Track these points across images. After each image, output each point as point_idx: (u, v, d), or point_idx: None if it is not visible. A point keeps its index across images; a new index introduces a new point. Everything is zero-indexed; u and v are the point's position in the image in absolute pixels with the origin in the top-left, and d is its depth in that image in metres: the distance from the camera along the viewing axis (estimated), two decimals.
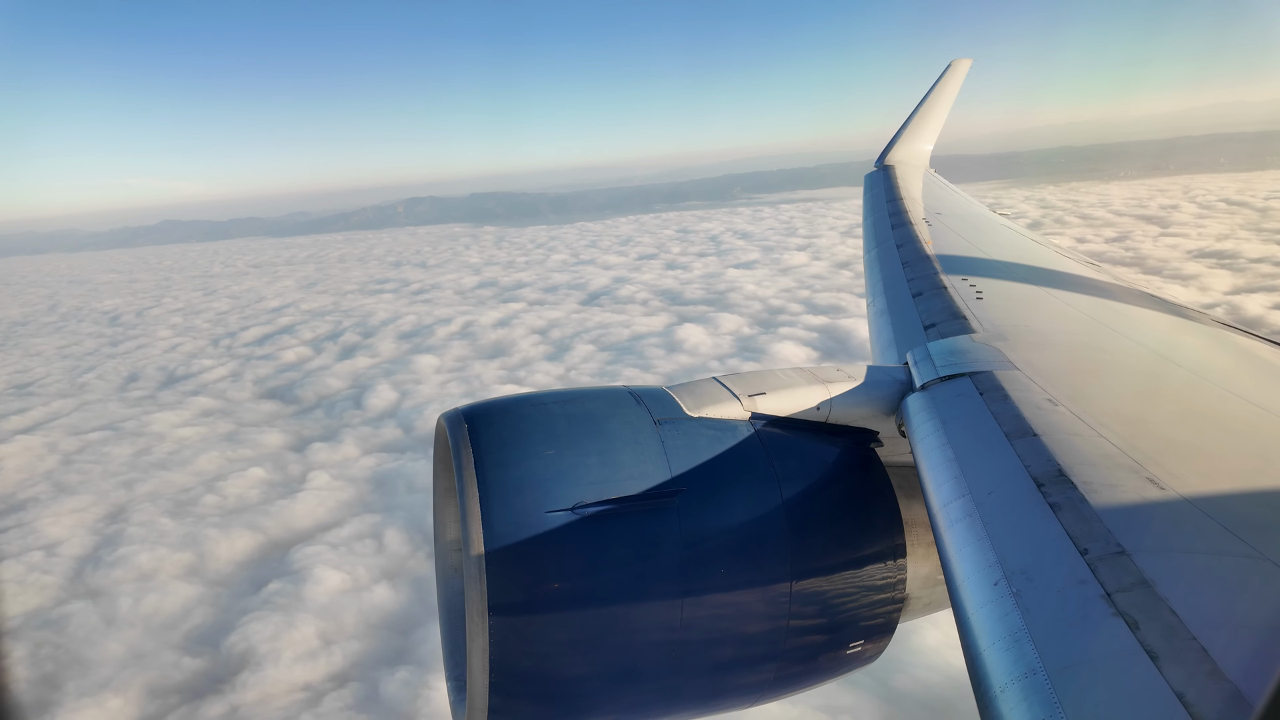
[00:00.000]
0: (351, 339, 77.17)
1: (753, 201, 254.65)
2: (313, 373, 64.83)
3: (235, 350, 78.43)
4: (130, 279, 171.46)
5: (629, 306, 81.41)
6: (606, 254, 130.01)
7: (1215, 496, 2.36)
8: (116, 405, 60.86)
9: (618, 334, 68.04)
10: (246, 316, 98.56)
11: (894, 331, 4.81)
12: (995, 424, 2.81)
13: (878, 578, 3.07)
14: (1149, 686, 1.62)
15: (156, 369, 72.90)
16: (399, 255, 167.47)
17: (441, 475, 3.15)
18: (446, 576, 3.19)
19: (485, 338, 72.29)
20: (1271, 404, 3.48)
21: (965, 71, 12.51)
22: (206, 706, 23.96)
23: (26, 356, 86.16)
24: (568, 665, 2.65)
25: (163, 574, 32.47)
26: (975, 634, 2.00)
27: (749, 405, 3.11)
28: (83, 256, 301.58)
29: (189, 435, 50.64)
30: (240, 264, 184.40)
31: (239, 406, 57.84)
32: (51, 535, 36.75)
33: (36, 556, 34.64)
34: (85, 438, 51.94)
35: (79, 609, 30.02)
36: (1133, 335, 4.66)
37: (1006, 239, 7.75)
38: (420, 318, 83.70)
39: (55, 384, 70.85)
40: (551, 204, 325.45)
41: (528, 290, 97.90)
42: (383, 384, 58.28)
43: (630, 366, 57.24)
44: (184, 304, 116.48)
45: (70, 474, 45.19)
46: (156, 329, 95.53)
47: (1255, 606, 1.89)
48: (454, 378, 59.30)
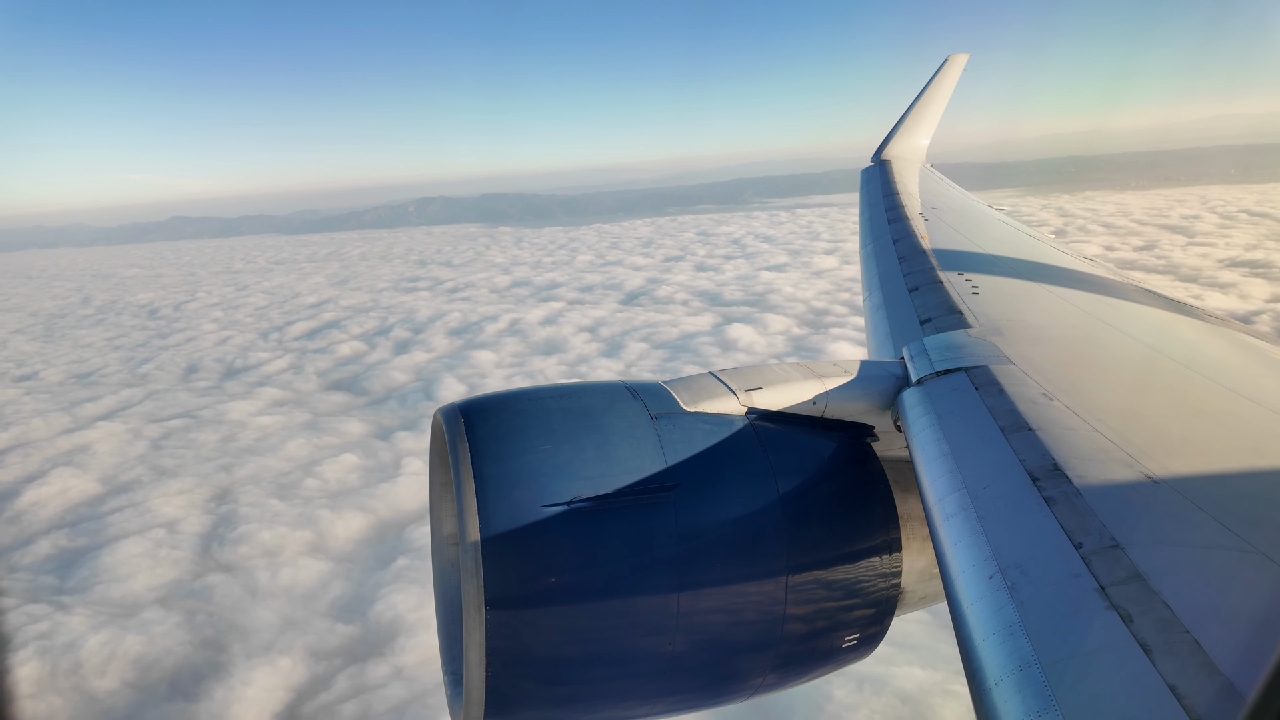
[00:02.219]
0: (402, 334, 78.86)
1: (765, 206, 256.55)
2: (373, 366, 66.57)
3: (287, 344, 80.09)
4: (155, 274, 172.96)
5: (670, 306, 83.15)
6: (631, 255, 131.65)
7: (1209, 490, 2.37)
8: (185, 395, 62.57)
9: (667, 333, 69.81)
10: (287, 311, 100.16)
11: (890, 326, 4.85)
12: (990, 418, 2.84)
13: (873, 572, 3.09)
14: (1142, 679, 1.63)
15: (213, 361, 74.57)
16: (421, 254, 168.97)
17: (438, 470, 3.16)
18: (443, 571, 3.19)
19: (535, 335, 74.05)
20: (1265, 398, 3.52)
21: (961, 67, 12.54)
22: (371, 668, 25.69)
23: (77, 347, 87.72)
24: (564, 659, 2.68)
25: (288, 551, 34.20)
26: (970, 627, 2.02)
27: (745, 400, 3.15)
28: (95, 251, 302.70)
29: (269, 423, 52.33)
30: (261, 260, 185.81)
31: (309, 397, 59.55)
32: (166, 514, 38.47)
33: (159, 534, 36.38)
34: (166, 425, 53.67)
35: (219, 580, 31.79)
36: (1128, 330, 4.68)
37: (1002, 234, 7.83)
38: (465, 315, 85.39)
39: (116, 374, 72.50)
40: (563, 206, 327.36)
41: (563, 290, 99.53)
42: (448, 378, 60.03)
43: (689, 364, 58.95)
44: (219, 299, 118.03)
45: (164, 458, 46.90)
46: (199, 322, 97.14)
47: (1248, 600, 1.91)
48: (516, 372, 61.04)
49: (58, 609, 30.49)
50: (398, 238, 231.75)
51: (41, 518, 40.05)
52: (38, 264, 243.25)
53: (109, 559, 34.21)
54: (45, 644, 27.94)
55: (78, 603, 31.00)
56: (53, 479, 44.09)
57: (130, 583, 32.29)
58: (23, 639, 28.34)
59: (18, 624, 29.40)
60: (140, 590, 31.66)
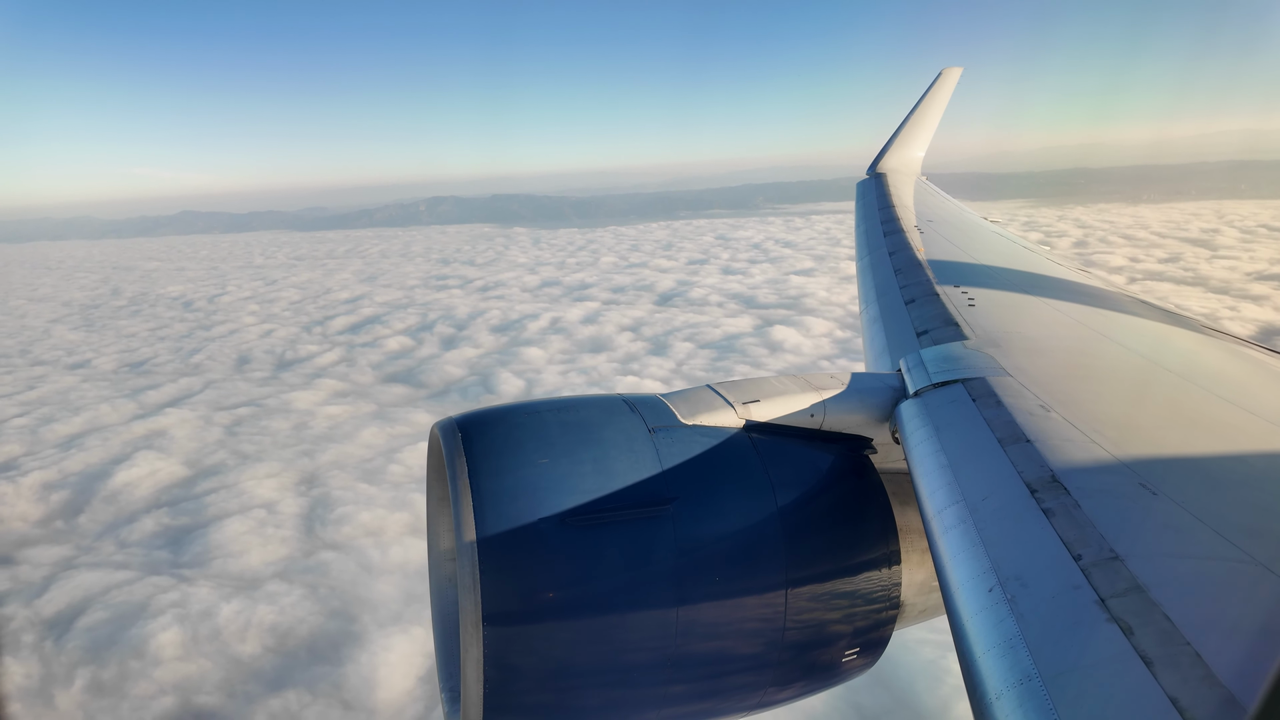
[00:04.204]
0: (445, 331, 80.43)
1: (778, 211, 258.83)
2: (425, 361, 68.19)
3: (331, 338, 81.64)
4: (177, 267, 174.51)
5: (706, 308, 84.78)
6: (654, 258, 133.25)
7: (1208, 501, 2.37)
8: (244, 384, 64.11)
9: (709, 333, 71.41)
10: (323, 306, 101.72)
11: (887, 338, 4.86)
12: (988, 430, 2.85)
13: (872, 585, 3.09)
14: (1143, 692, 1.63)
15: (263, 352, 76.09)
16: (441, 252, 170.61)
17: (436, 484, 3.16)
18: (441, 586, 3.19)
19: (578, 333, 75.58)
20: (1262, 409, 3.53)
21: (955, 80, 12.64)
22: None
23: (121, 337, 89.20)
24: (562, 675, 2.66)
25: (390, 531, 35.73)
26: (970, 640, 2.02)
27: (743, 413, 3.16)
28: (107, 244, 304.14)
29: (338, 413, 53.89)
30: (281, 256, 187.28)
31: (369, 390, 61.12)
32: (261, 496, 39.99)
33: (260, 514, 37.91)
34: (234, 413, 55.15)
35: (332, 558, 33.32)
36: (1125, 341, 4.70)
37: (997, 246, 7.89)
38: (504, 313, 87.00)
39: (168, 364, 74.06)
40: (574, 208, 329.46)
41: (595, 290, 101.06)
42: (503, 372, 61.65)
43: (738, 364, 60.63)
44: (250, 293, 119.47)
45: (242, 444, 48.43)
46: (238, 315, 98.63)
47: (1248, 611, 1.90)
48: (570, 369, 62.67)
49: (181, 581, 32.06)
50: (413, 236, 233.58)
51: (137, 497, 41.57)
52: (52, 255, 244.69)
53: (217, 536, 35.73)
54: (181, 612, 29.52)
55: (199, 575, 32.54)
56: (139, 461, 45.58)
57: (245, 558, 33.83)
58: (158, 607, 29.92)
59: (148, 594, 31.01)
60: (257, 565, 33.21)
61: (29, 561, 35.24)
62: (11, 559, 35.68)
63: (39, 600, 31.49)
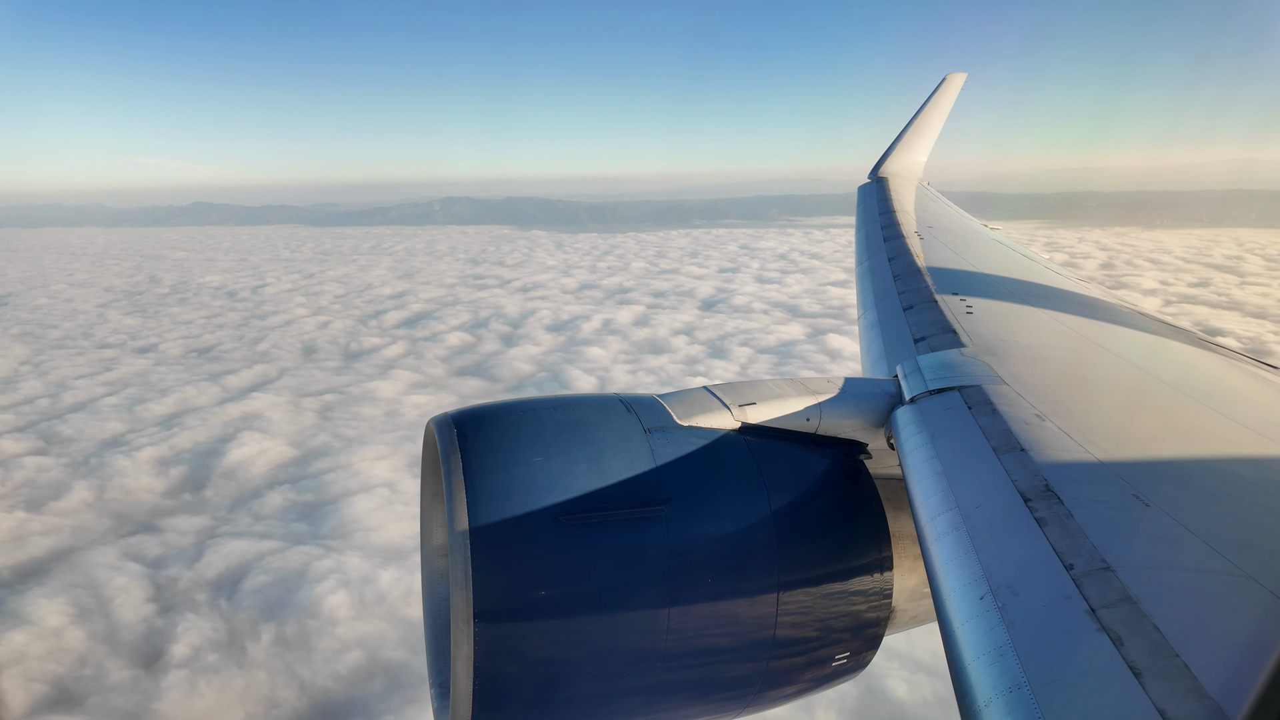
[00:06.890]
0: (501, 328, 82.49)
1: (794, 224, 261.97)
2: (491, 356, 70.29)
3: (390, 331, 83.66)
4: (206, 257, 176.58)
5: (753, 315, 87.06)
6: (685, 265, 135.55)
7: (1200, 513, 2.38)
8: (319, 373, 66.10)
9: (764, 339, 73.53)
10: (369, 301, 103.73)
11: (884, 344, 4.90)
12: (983, 438, 2.87)
13: (864, 590, 3.12)
14: (1132, 703, 1.64)
15: (326, 343, 78.09)
16: (467, 252, 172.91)
17: (430, 481, 3.17)
18: (433, 582, 3.22)
19: (633, 335, 77.69)
20: (1256, 422, 3.56)
21: (959, 86, 12.63)
22: None
23: (178, 324, 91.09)
24: (553, 673, 2.68)
25: None
26: (960, 648, 2.02)
27: (739, 415, 3.18)
28: (122, 232, 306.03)
29: (424, 402, 55.92)
30: (306, 250, 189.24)
31: (446, 381, 63.20)
32: (379, 475, 41.99)
33: (384, 492, 39.92)
34: (321, 399, 57.20)
35: None
36: (1121, 352, 4.72)
37: (997, 254, 7.92)
38: (554, 313, 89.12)
39: (235, 350, 75.95)
40: (589, 213, 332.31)
41: (635, 294, 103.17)
42: (572, 370, 63.73)
43: (801, 369, 62.67)
44: (291, 285, 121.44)
45: (341, 428, 50.42)
46: (288, 306, 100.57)
47: (1238, 623, 1.91)
48: (637, 368, 64.75)
49: (330, 551, 34.10)
50: (432, 235, 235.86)
51: (255, 474, 43.56)
52: (71, 241, 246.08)
53: (349, 511, 37.75)
54: (342, 578, 31.55)
55: (344, 546, 34.57)
56: (245, 441, 47.55)
57: (384, 531, 35.83)
58: (316, 573, 31.96)
59: (302, 561, 33.05)
60: (398, 538, 35.20)
61: (173, 529, 37.24)
62: (156, 527, 37.70)
63: (198, 564, 33.52)
